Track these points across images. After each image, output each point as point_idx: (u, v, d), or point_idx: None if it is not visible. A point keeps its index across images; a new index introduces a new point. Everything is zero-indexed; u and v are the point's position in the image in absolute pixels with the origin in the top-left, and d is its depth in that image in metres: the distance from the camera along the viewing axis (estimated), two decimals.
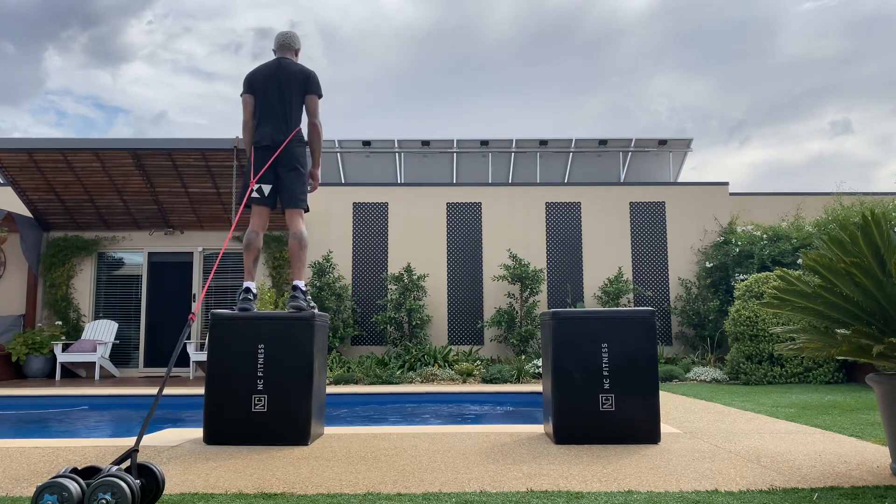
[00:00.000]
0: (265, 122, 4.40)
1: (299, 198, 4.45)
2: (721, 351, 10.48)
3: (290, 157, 4.39)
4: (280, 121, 4.38)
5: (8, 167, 10.09)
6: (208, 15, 33.88)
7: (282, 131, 4.37)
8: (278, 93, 4.40)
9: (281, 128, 4.37)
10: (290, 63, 4.51)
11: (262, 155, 4.37)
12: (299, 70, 4.48)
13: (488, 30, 31.94)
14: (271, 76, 4.44)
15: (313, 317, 4.15)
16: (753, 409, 5.65)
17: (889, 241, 2.88)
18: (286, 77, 4.42)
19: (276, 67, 4.46)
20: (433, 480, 2.97)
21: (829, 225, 9.26)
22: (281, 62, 4.50)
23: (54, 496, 2.26)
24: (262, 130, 4.39)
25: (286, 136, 4.37)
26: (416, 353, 10.04)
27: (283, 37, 4.60)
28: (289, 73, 4.44)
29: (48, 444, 4.01)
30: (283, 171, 4.39)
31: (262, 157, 4.37)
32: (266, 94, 4.43)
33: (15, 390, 8.02)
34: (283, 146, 4.34)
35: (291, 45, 4.60)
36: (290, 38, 4.61)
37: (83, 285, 11.21)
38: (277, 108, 4.39)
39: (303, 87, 4.44)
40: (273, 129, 4.37)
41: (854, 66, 30.90)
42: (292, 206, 4.44)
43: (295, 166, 4.41)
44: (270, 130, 4.37)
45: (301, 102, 4.46)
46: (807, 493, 2.71)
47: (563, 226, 11.51)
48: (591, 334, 4.04)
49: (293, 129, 4.41)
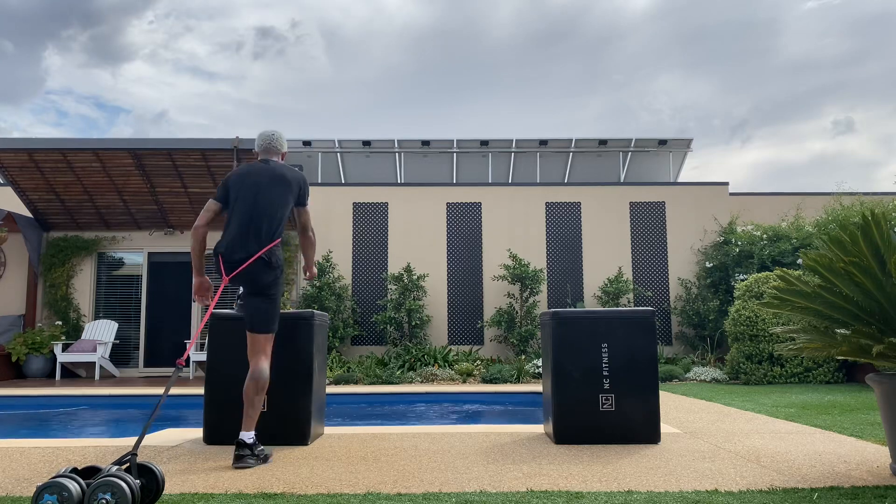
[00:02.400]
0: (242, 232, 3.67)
1: (264, 322, 3.65)
2: (721, 351, 10.49)
3: (260, 282, 3.65)
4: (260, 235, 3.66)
5: (8, 167, 10.09)
6: (210, 14, 33.90)
7: (258, 245, 3.65)
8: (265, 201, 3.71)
9: (257, 241, 3.65)
10: (280, 166, 3.86)
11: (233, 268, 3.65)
12: (293, 176, 3.84)
13: (489, 30, 31.96)
14: (257, 179, 3.76)
15: (313, 316, 4.15)
16: (753, 409, 5.65)
17: (889, 241, 2.88)
18: (275, 182, 3.76)
19: (264, 170, 3.80)
20: (433, 480, 2.97)
21: (829, 225, 9.26)
22: (270, 164, 3.85)
23: (54, 496, 2.26)
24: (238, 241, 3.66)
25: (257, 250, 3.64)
26: (416, 353, 10.04)
27: (266, 139, 3.93)
28: (278, 176, 3.78)
29: (48, 444, 4.01)
30: (250, 296, 3.68)
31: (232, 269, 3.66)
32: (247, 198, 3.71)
33: (15, 390, 8.02)
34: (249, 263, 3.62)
35: (278, 148, 3.95)
36: (276, 141, 3.94)
37: (83, 285, 11.21)
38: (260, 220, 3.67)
39: (296, 196, 3.84)
40: (248, 242, 3.64)
41: (857, 66, 30.93)
42: (255, 329, 3.64)
43: (264, 292, 3.67)
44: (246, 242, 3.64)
45: (288, 212, 3.82)
46: (807, 493, 2.71)
47: (563, 226, 11.51)
48: (591, 334, 4.04)
49: (271, 243, 3.68)
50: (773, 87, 32.46)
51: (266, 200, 3.71)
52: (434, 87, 35.38)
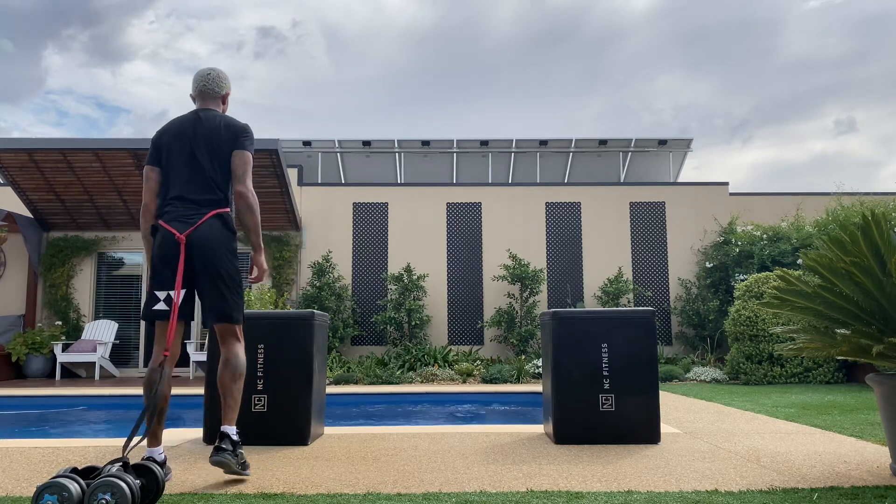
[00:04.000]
0: (175, 200, 3.11)
1: (231, 308, 3.10)
2: (721, 351, 10.49)
3: (212, 256, 3.04)
4: (195, 198, 3.10)
5: (8, 167, 10.09)
6: (211, 14, 33.90)
7: (196, 213, 3.08)
8: (193, 158, 3.12)
9: (194, 209, 3.09)
10: (212, 115, 3.21)
11: (170, 248, 3.04)
12: (225, 124, 3.19)
13: (490, 30, 31.96)
14: (184, 136, 3.16)
15: (313, 316, 4.15)
16: (753, 409, 5.65)
17: (889, 241, 2.88)
18: (205, 134, 3.14)
19: (193, 123, 3.18)
20: (433, 480, 2.97)
21: (829, 225, 9.27)
22: (199, 116, 3.21)
23: (54, 496, 2.26)
24: (171, 212, 3.10)
25: (201, 217, 3.07)
26: (416, 353, 10.04)
27: (202, 80, 3.28)
28: (209, 128, 3.16)
29: (48, 444, 4.01)
30: (203, 275, 3.05)
31: (169, 251, 3.04)
32: (177, 159, 3.15)
33: (15, 390, 8.02)
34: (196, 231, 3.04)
35: (216, 90, 3.30)
36: (214, 81, 3.29)
37: (83, 285, 11.21)
38: (192, 181, 3.11)
39: (230, 143, 3.15)
40: (184, 212, 3.08)
41: (858, 66, 30.93)
42: (223, 320, 3.10)
43: (218, 271, 3.05)
44: (180, 213, 3.08)
45: (228, 168, 3.16)
46: (807, 493, 2.71)
47: (563, 226, 11.51)
48: (591, 334, 4.04)
49: (216, 208, 3.11)
50: (774, 86, 32.49)
51: (195, 156, 3.13)
52: (434, 87, 35.40)
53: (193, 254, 3.03)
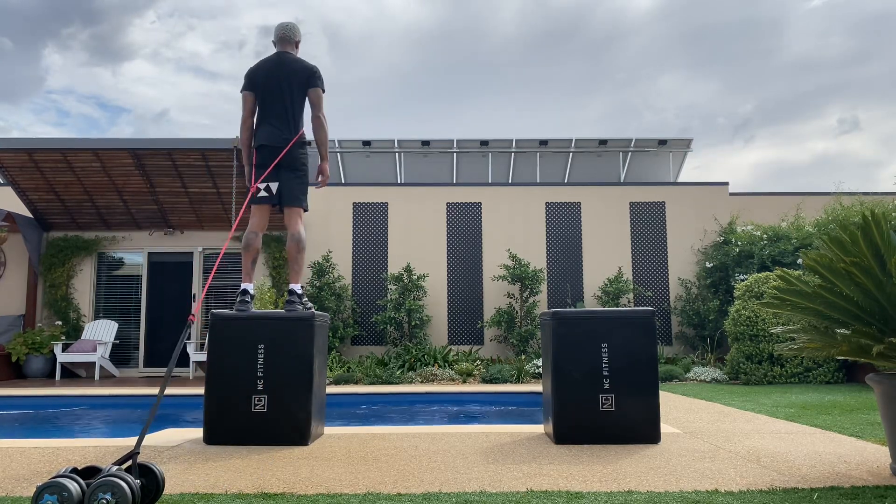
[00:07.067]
0: (268, 120, 4.35)
1: (299, 197, 4.40)
2: (721, 351, 10.48)
3: (293, 158, 4.34)
4: (283, 120, 4.33)
5: (8, 167, 10.09)
6: (212, 13, 33.89)
7: (286, 131, 4.32)
8: (280, 90, 4.33)
9: (284, 127, 4.32)
10: (292, 59, 4.43)
11: (266, 154, 4.32)
12: (301, 66, 4.40)
13: (492, 30, 31.96)
14: (272, 72, 4.37)
15: (313, 317, 4.15)
16: (753, 409, 5.65)
17: (889, 241, 2.88)
18: (288, 73, 4.35)
19: (277, 63, 4.40)
20: (433, 480, 2.97)
21: (829, 225, 9.26)
22: (282, 57, 4.42)
23: (54, 496, 2.27)
24: (265, 129, 4.35)
25: (290, 135, 4.32)
26: (416, 353, 10.04)
27: (282, 29, 4.51)
28: (291, 69, 4.36)
29: (48, 444, 4.01)
30: (285, 171, 4.34)
31: (265, 157, 4.33)
32: (268, 91, 4.36)
33: (15, 390, 8.02)
34: (288, 147, 4.30)
35: (291, 37, 4.52)
36: (290, 30, 4.52)
37: (83, 285, 11.21)
38: (280, 107, 4.33)
39: (305, 82, 4.37)
40: (276, 129, 4.32)
41: (860, 66, 30.90)
42: (292, 204, 4.37)
43: (297, 167, 4.37)
44: (274, 129, 4.32)
45: (304, 99, 4.40)
46: (807, 493, 2.71)
47: (563, 226, 11.51)
48: (591, 334, 4.04)
49: (297, 129, 4.37)
50: (776, 86, 32.45)
51: (282, 89, 4.33)
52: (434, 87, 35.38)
53: (283, 161, 4.31)
